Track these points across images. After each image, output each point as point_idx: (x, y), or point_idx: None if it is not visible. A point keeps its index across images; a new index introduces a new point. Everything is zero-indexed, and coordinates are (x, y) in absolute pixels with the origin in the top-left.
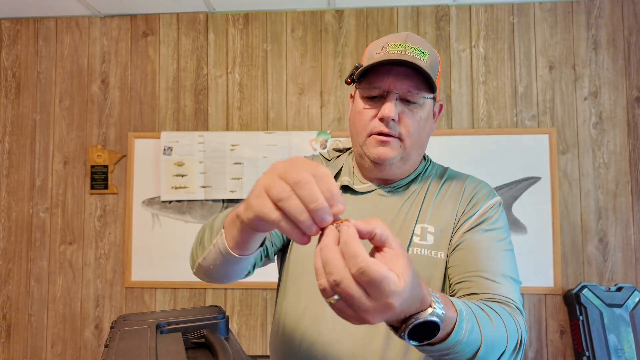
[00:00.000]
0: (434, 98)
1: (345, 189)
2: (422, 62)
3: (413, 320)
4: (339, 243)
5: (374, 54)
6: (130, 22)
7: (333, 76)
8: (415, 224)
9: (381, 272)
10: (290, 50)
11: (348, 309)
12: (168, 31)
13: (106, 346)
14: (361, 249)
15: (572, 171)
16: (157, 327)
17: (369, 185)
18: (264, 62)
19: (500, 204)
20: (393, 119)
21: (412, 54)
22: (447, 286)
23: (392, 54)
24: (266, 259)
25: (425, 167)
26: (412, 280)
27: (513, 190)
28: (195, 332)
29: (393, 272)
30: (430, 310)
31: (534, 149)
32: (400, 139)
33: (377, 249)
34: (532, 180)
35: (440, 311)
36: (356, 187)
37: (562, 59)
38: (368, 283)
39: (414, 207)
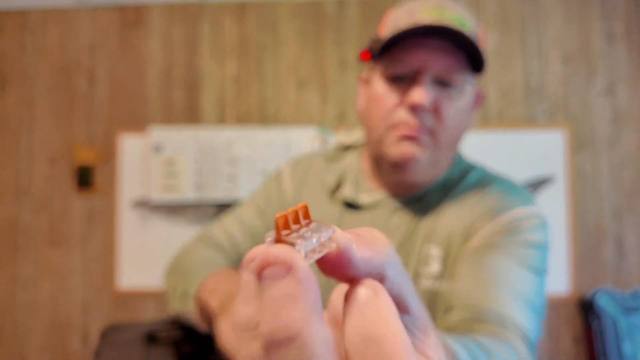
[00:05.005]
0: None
1: (348, 203)
2: (465, 32)
3: None
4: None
5: (399, 21)
6: (120, 13)
7: (335, 69)
8: (422, 244)
9: None
10: (289, 41)
11: None
12: (159, 22)
13: (96, 357)
14: (407, 346)
15: (586, 170)
16: (149, 337)
17: (377, 196)
18: (261, 54)
19: (535, 215)
20: (425, 107)
21: (450, 23)
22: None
23: (426, 20)
24: None
25: (452, 172)
26: None
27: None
28: (189, 342)
29: None
30: None
31: (547, 146)
32: (432, 134)
33: None
34: (544, 180)
35: None
36: (360, 199)
37: (576, 52)
38: None
39: (425, 225)
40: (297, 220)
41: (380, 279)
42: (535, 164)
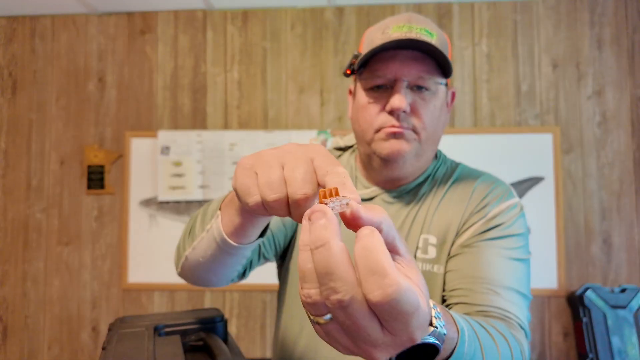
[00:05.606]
0: (446, 84)
1: None
2: (431, 42)
3: None
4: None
5: (374, 38)
6: (128, 20)
7: (334, 74)
8: (420, 234)
9: (416, 301)
10: (290, 48)
11: (344, 337)
12: (166, 29)
13: (104, 348)
14: (391, 264)
15: (575, 171)
16: (155, 329)
17: (372, 190)
18: (263, 60)
19: (516, 206)
20: (404, 111)
21: (418, 35)
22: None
23: (396, 36)
24: (264, 259)
25: (437, 167)
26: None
27: (516, 190)
28: (194, 334)
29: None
30: (430, 329)
31: (538, 148)
32: (414, 130)
33: None
34: (535, 180)
35: (441, 330)
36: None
37: (566, 57)
38: (392, 315)
39: (420, 215)
40: (331, 195)
41: (379, 229)
42: (526, 165)
